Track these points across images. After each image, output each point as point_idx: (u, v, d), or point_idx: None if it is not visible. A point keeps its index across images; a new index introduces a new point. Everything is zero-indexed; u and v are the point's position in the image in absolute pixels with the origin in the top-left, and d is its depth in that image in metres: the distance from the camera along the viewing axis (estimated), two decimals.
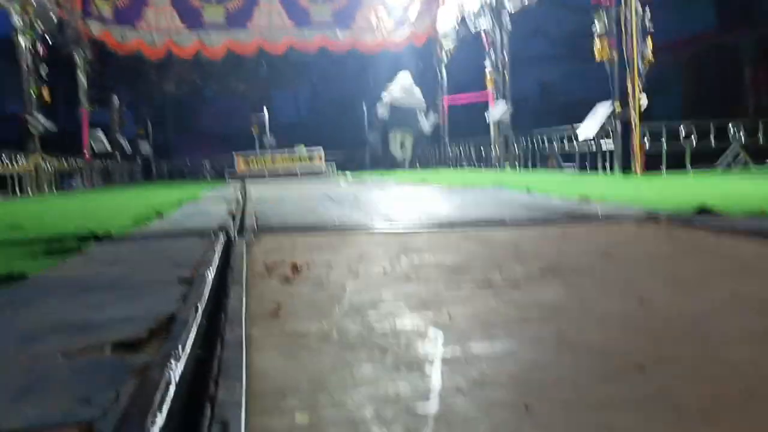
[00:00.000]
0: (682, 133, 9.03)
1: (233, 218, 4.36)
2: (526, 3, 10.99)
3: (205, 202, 6.48)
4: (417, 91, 15.04)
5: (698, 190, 5.28)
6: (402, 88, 14.98)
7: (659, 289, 1.79)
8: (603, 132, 9.17)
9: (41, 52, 11.47)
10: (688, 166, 8.90)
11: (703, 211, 3.38)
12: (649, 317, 1.51)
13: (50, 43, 11.86)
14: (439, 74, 16.04)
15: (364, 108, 19.41)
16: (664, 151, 8.94)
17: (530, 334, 1.40)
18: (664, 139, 8.93)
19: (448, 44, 14.91)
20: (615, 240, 2.73)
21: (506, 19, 12.32)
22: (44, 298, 1.97)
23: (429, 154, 17.03)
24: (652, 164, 8.72)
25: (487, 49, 12.90)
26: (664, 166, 8.85)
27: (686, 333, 1.38)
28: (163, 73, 19.52)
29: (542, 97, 17.07)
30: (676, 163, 8.98)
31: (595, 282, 1.92)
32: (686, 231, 2.92)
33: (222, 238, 3.13)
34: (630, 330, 1.41)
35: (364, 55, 16.78)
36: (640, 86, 8.36)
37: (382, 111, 15.37)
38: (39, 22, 11.35)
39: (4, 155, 10.22)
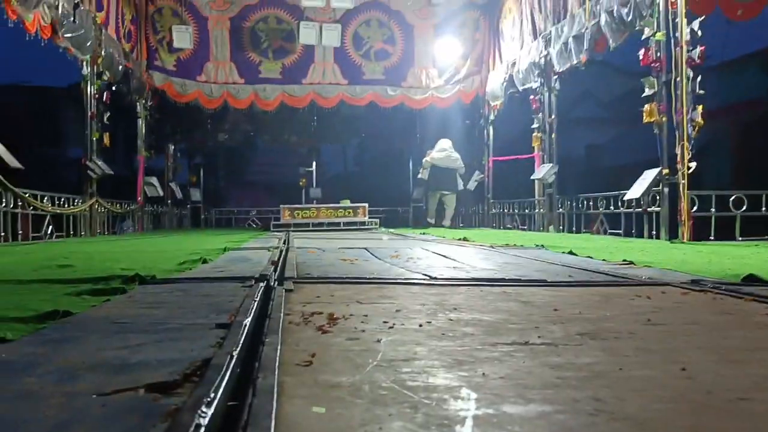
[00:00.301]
0: (731, 202, 8.83)
1: (274, 267, 4.39)
2: (575, 62, 11.04)
3: (249, 250, 6.56)
4: (456, 155, 15.19)
5: (747, 259, 5.12)
6: (441, 151, 15.21)
7: (702, 358, 1.73)
8: (650, 197, 9.02)
9: (105, 100, 11.99)
10: (737, 234, 8.67)
11: (751, 279, 3.27)
12: (690, 387, 1.45)
13: (113, 90, 12.39)
14: (485, 132, 16.13)
15: (410, 164, 19.64)
16: (713, 219, 8.74)
17: (566, 398, 1.36)
18: (713, 208, 8.75)
19: (496, 102, 15.02)
20: (658, 306, 2.65)
21: (554, 80, 12.39)
22: (85, 336, 2.00)
23: (472, 213, 17.01)
24: (699, 232, 8.51)
25: (534, 109, 12.96)
26: (712, 234, 8.63)
27: (729, 406, 1.32)
28: (217, 122, 20.16)
29: (588, 160, 16.99)
30: (725, 232, 8.76)
31: (635, 348, 1.85)
32: (733, 299, 2.82)
33: (262, 286, 3.16)
34: (670, 400, 1.35)
35: (412, 111, 17.05)
36: (689, 152, 8.24)
37: (422, 174, 15.63)
38: (107, 72, 11.90)
39: (61, 197, 10.59)
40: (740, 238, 8.59)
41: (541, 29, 12.57)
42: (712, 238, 8.55)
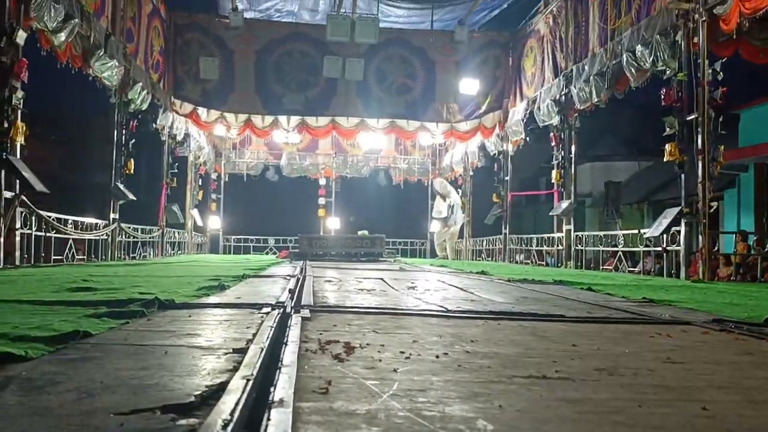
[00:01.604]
0: (753, 241, 8.72)
1: (291, 294, 4.40)
2: (596, 100, 11.06)
3: (267, 278, 6.58)
4: (452, 193, 17.17)
5: None
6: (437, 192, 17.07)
7: (723, 398, 1.70)
8: (670, 236, 8.94)
9: (131, 127, 12.19)
10: (759, 275, 8.54)
11: None
12: (711, 426, 1.42)
13: (139, 117, 12.60)
14: (504, 168, 16.14)
15: (428, 198, 19.72)
16: (733, 259, 8.64)
17: None
18: (734, 248, 8.64)
19: (516, 137, 15.07)
20: (678, 344, 2.61)
21: (575, 117, 12.41)
22: (104, 357, 2.01)
23: (492, 247, 16.98)
24: (720, 271, 8.40)
25: (554, 145, 12.96)
26: (733, 274, 8.52)
27: None
28: (239, 152, 20.42)
29: (607, 196, 16.91)
30: (747, 272, 8.64)
31: (654, 385, 1.83)
32: (755, 340, 2.78)
33: (278, 313, 3.16)
34: None
35: (432, 145, 17.37)
36: (710, 191, 8.18)
37: (443, 212, 16.82)
38: (134, 101, 12.12)
39: (84, 221, 10.72)
40: (761, 277, 8.46)
41: (562, 67, 12.64)
42: (733, 277, 8.43)
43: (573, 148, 12.59)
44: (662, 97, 8.84)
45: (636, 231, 10.45)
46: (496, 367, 2.02)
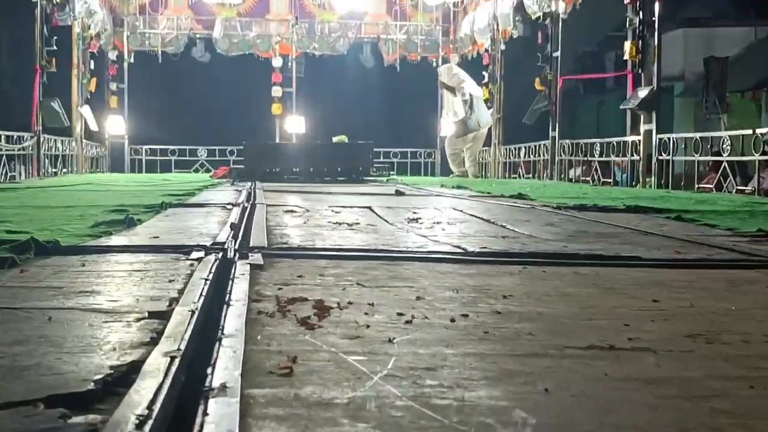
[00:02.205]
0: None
1: (234, 232, 4.40)
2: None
3: (197, 207, 6.59)
4: (466, 82, 17.43)
5: None
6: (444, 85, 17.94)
7: None
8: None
9: None
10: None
11: None
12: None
13: None
14: (552, 40, 16.06)
15: (438, 90, 19.52)
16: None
17: (667, 428, 1.36)
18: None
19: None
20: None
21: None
22: None
23: (535, 158, 17.11)
24: None
25: (628, 2, 12.86)
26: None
27: None
28: (149, 18, 20.11)
29: (708, 79, 16.98)
30: None
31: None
32: None
33: (216, 259, 3.17)
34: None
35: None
36: None
37: (458, 113, 17.54)
38: None
39: None
40: None
41: None
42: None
43: (657, 6, 12.44)
44: None
45: (750, 131, 10.44)
46: (539, 334, 2.05)
